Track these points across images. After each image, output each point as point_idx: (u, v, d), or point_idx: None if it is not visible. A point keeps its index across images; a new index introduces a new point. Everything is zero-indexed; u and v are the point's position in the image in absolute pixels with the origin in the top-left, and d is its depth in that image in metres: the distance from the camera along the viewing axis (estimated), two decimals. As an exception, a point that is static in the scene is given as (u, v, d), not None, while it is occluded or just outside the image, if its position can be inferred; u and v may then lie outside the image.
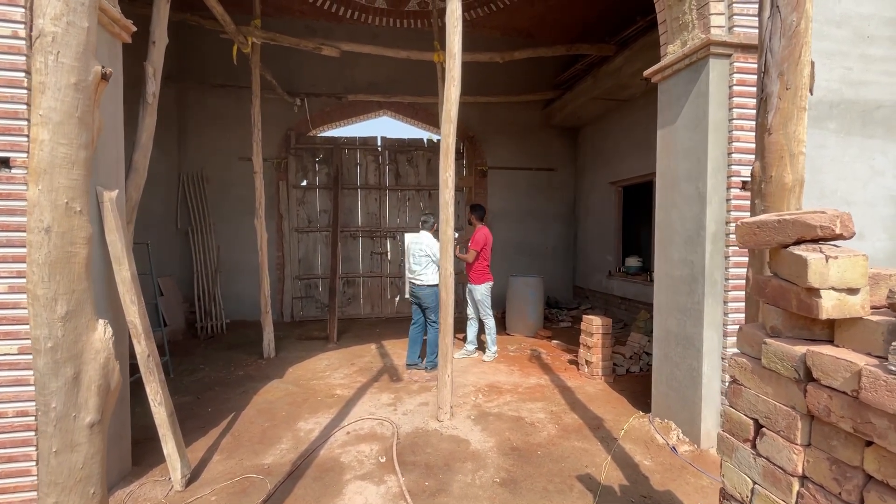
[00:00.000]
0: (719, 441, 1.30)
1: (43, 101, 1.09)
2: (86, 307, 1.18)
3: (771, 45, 1.44)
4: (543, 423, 3.46)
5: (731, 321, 2.87)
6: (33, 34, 1.08)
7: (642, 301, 6.49)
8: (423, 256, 4.66)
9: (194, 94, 7.12)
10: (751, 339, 1.22)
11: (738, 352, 1.27)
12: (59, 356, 1.12)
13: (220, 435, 3.32)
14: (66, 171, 1.12)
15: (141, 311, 2.42)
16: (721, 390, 2.92)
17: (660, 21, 3.24)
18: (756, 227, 1.15)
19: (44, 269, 1.10)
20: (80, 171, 1.15)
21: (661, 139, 3.32)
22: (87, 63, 1.15)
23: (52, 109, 1.10)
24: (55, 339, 1.12)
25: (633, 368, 4.67)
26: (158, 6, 3.19)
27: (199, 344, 5.98)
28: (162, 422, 2.48)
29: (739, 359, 1.24)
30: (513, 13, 7.09)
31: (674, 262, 3.18)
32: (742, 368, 1.22)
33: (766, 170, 1.49)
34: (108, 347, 1.21)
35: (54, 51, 1.09)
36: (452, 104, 3.42)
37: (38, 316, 1.11)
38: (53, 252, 1.12)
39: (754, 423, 1.19)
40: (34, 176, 1.09)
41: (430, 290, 4.69)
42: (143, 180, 3.03)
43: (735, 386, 1.25)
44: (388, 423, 3.46)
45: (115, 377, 1.24)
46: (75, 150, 1.14)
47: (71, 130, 1.13)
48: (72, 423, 1.14)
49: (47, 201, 1.11)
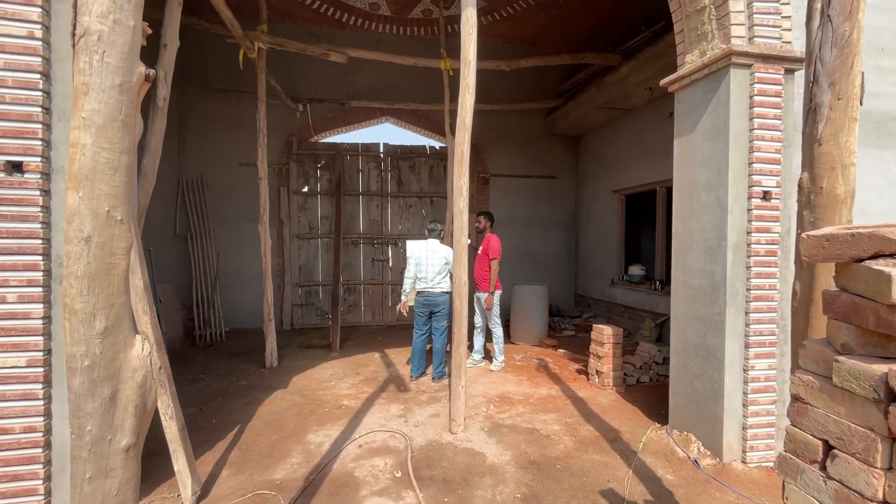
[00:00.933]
0: (781, 461, 1.25)
1: (86, 102, 1.02)
2: (124, 322, 1.10)
3: (821, 55, 1.42)
4: (559, 436, 3.40)
5: (752, 332, 2.84)
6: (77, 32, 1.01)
7: (646, 310, 6.48)
8: (445, 265, 4.58)
9: (195, 98, 7.03)
10: (817, 356, 1.18)
11: (801, 369, 1.23)
12: (96, 375, 1.04)
13: (227, 448, 3.21)
14: (109, 178, 1.05)
15: (153, 322, 2.33)
16: (743, 402, 2.89)
17: (676, 31, 3.24)
18: (825, 240, 1.11)
19: (83, 281, 1.03)
20: (122, 178, 1.07)
21: (678, 148, 3.31)
22: (131, 63, 1.09)
23: (96, 112, 1.03)
24: (93, 357, 1.04)
25: (643, 378, 4.63)
26: (170, 9, 3.13)
27: (198, 352, 5.85)
28: (173, 437, 2.38)
29: (805, 376, 1.20)
30: (516, 22, 7.13)
31: (693, 271, 3.15)
32: (808, 387, 1.18)
33: (816, 181, 1.46)
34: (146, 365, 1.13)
35: (100, 50, 1.02)
36: (467, 111, 3.39)
37: (76, 332, 1.03)
38: (93, 263, 1.04)
39: (823, 444, 1.14)
40: (74, 182, 1.02)
41: (446, 297, 4.63)
42: (151, 185, 2.95)
43: (800, 405, 1.20)
44: (400, 436, 3.38)
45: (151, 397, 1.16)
46: (118, 155, 1.07)
47: (114, 134, 1.06)
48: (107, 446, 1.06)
49: (88, 209, 1.03)
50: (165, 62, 3.05)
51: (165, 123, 3.09)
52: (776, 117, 2.82)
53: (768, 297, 2.86)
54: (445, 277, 4.64)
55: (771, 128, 2.81)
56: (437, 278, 4.59)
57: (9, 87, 1.91)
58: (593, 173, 7.96)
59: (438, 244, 4.70)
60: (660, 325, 5.97)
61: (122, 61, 1.06)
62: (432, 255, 4.62)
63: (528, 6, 6.65)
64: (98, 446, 1.05)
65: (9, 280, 1.90)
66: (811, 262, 1.30)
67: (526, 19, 7.02)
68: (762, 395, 2.89)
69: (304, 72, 7.27)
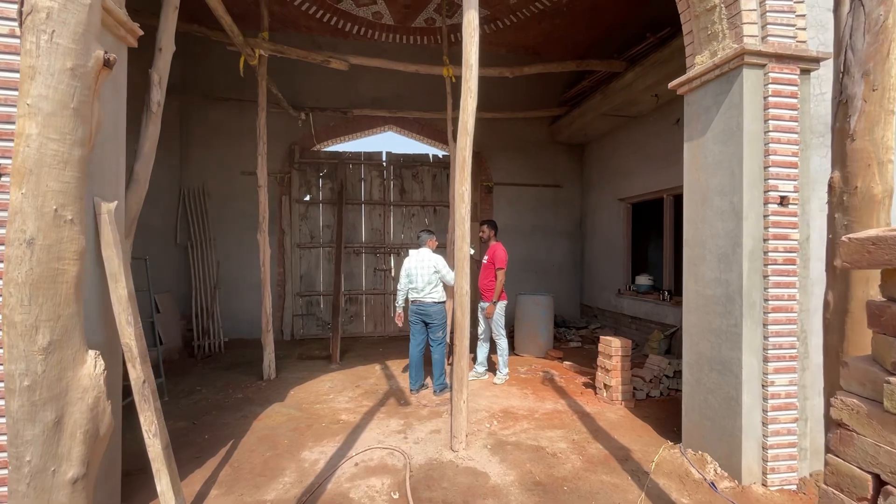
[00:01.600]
0: (822, 497, 1.10)
1: (32, 87, 0.91)
2: (73, 336, 0.98)
3: (852, 43, 1.30)
4: (566, 454, 3.23)
5: (771, 345, 2.68)
6: (24, 10, 0.91)
7: (654, 320, 6.30)
8: (434, 273, 4.49)
9: (197, 107, 7.02)
10: (863, 376, 1.04)
11: (843, 390, 1.09)
12: (37, 397, 0.91)
13: (217, 465, 3.07)
14: (57, 172, 0.94)
15: (137, 333, 2.21)
16: (762, 420, 2.71)
17: (685, 31, 3.14)
18: (871, 243, 0.98)
19: (23, 289, 0.91)
20: (73, 173, 0.96)
21: (688, 152, 3.18)
22: (87, 46, 0.98)
23: (43, 98, 0.92)
24: (33, 376, 0.91)
25: (653, 393, 4.45)
26: (166, 13, 3.07)
27: (196, 363, 5.73)
28: (156, 455, 2.24)
29: (849, 399, 1.05)
30: (519, 31, 7.08)
31: (706, 280, 3.00)
32: (854, 412, 1.03)
33: (850, 180, 1.33)
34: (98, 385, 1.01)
35: (48, 29, 0.92)
36: (469, 115, 3.28)
37: (14, 347, 0.91)
38: (37, 269, 0.92)
39: (874, 479, 1.00)
40: (17, 177, 0.90)
41: (439, 307, 4.53)
42: (144, 192, 2.85)
43: (844, 432, 1.06)
44: (398, 454, 3.22)
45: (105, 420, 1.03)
46: (68, 148, 0.96)
47: (64, 124, 0.95)
48: (50, 479, 0.92)
49: (32, 207, 0.91)
50: (160, 66, 2.98)
51: (159, 129, 3.01)
52: (792, 119, 2.69)
53: (788, 308, 2.70)
54: (436, 287, 4.54)
55: (787, 130, 2.68)
56: (428, 288, 4.49)
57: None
58: (598, 181, 7.84)
59: (429, 253, 4.62)
60: (669, 336, 5.78)
61: (76, 42, 0.96)
62: (421, 265, 4.53)
63: (531, 15, 6.60)
64: (39, 479, 0.91)
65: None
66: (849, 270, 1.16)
67: (529, 28, 6.98)
68: (783, 412, 2.71)
69: (306, 81, 7.25)
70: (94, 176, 2.19)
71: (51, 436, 0.93)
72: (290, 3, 6.31)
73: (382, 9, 6.56)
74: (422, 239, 4.75)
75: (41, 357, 0.92)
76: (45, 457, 0.92)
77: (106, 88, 2.22)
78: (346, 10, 6.58)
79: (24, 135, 0.92)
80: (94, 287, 2.17)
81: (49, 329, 0.93)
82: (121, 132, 2.49)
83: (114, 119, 2.38)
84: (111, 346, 2.28)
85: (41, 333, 0.93)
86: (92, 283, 2.15)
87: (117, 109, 2.44)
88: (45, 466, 0.93)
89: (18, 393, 0.90)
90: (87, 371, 1.00)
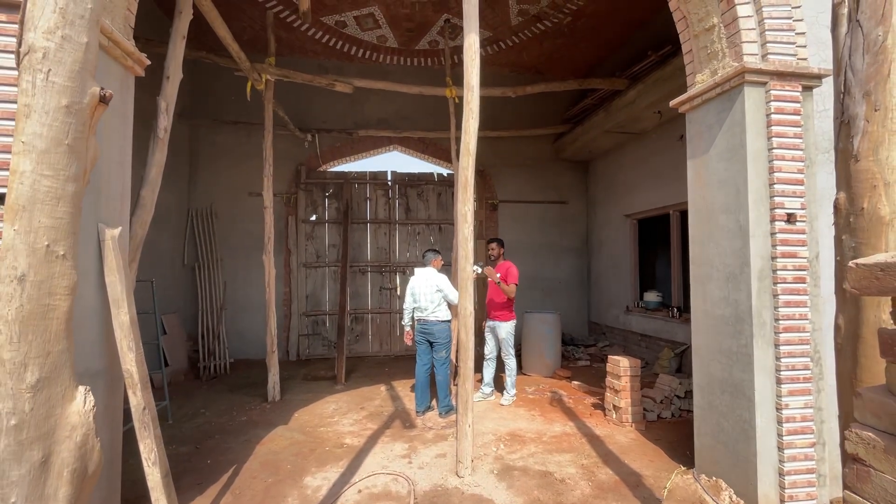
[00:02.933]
0: (840, 536, 1.04)
1: (27, 125, 0.93)
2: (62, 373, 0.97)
3: (852, 63, 1.29)
4: (575, 480, 3.13)
5: (784, 366, 2.60)
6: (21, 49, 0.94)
7: (664, 338, 6.18)
8: (436, 292, 4.49)
9: (206, 130, 7.16)
10: (878, 408, 0.99)
11: (857, 423, 1.04)
12: (24, 436, 0.90)
13: (219, 493, 3.01)
14: (50, 209, 0.94)
15: (139, 359, 2.21)
16: (777, 445, 2.62)
17: (685, 51, 3.15)
18: (879, 269, 0.95)
19: (13, 326, 0.90)
20: (66, 209, 0.97)
21: (691, 170, 3.16)
22: (82, 83, 1.00)
23: (37, 136, 0.93)
24: (20, 415, 0.90)
25: (664, 414, 4.33)
26: (174, 42, 3.16)
27: (202, 385, 5.70)
28: (155, 484, 2.21)
29: (864, 432, 1.00)
30: (522, 51, 7.18)
31: (714, 300, 2.94)
32: (870, 446, 0.98)
33: (856, 201, 1.30)
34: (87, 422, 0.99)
35: (44, 69, 0.93)
36: (471, 136, 3.30)
37: (2, 385, 0.89)
38: (27, 306, 0.92)
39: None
40: (10, 214, 0.91)
41: (442, 325, 4.51)
42: (149, 217, 2.89)
43: (860, 468, 1.00)
44: (403, 479, 3.15)
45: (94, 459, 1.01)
46: (62, 184, 0.96)
47: (58, 160, 0.96)
48: (36, 521, 0.91)
49: (24, 244, 0.91)
50: (168, 94, 3.05)
51: (166, 155, 3.06)
52: (796, 136, 2.67)
53: (799, 328, 2.63)
54: (440, 305, 4.54)
55: (791, 147, 2.66)
56: (431, 307, 4.50)
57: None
58: (604, 198, 7.82)
59: (433, 272, 4.63)
60: (679, 354, 5.67)
61: (71, 80, 0.97)
62: (425, 284, 4.55)
63: (532, 36, 6.71)
64: (24, 521, 0.90)
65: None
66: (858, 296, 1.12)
67: (531, 48, 7.08)
68: (799, 436, 2.62)
69: (312, 103, 7.39)
70: (99, 202, 2.22)
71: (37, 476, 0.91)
72: (296, 29, 6.48)
73: (387, 32, 6.70)
74: (427, 258, 4.76)
75: (29, 395, 0.91)
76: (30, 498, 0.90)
77: (112, 117, 2.26)
78: (352, 34, 6.73)
79: (17, 172, 0.93)
80: (97, 312, 2.18)
81: (38, 366, 0.92)
82: (127, 159, 2.54)
83: (120, 146, 2.42)
84: (112, 371, 2.27)
85: (30, 371, 0.92)
86: (94, 309, 2.15)
87: (124, 137, 2.48)
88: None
89: (5, 433, 0.89)
90: (77, 408, 0.98)
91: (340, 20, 6.35)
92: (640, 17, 6.20)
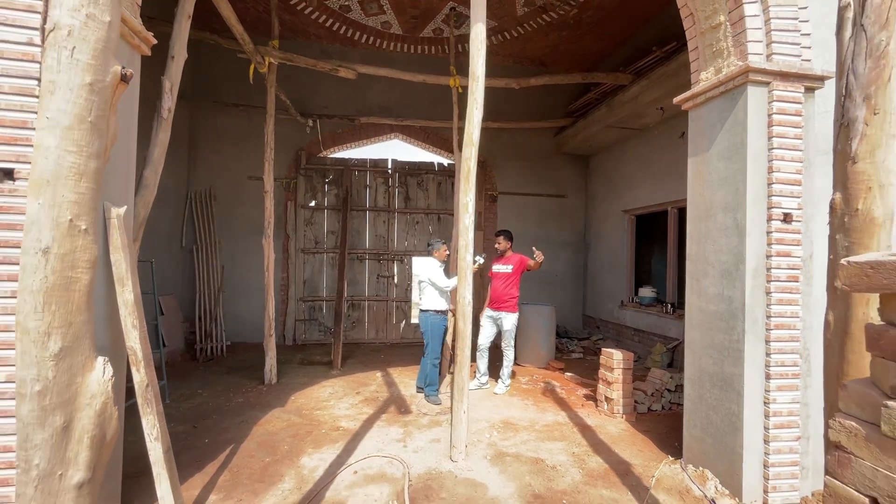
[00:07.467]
0: (820, 519, 1.10)
1: (52, 102, 0.95)
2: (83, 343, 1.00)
3: (854, 67, 1.32)
4: (566, 467, 3.21)
5: (774, 362, 2.67)
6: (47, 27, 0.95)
7: (657, 333, 6.27)
8: (422, 282, 4.61)
9: (206, 112, 7.10)
10: (861, 399, 1.04)
11: (841, 413, 1.09)
12: (47, 402, 0.94)
13: (217, 470, 3.07)
14: (73, 184, 0.97)
15: (142, 337, 2.24)
16: (764, 438, 2.69)
17: (691, 48, 3.17)
18: (869, 267, 0.99)
19: (38, 297, 0.93)
20: (88, 184, 0.99)
21: (692, 167, 3.20)
22: (105, 62, 1.02)
23: (62, 112, 0.95)
24: (44, 382, 0.93)
25: (654, 406, 4.42)
26: (180, 22, 3.13)
27: (198, 367, 5.74)
28: (157, 459, 2.26)
29: (847, 422, 1.05)
30: (526, 42, 7.15)
31: (709, 296, 3.00)
32: (852, 435, 1.04)
33: (851, 202, 1.34)
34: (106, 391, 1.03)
35: (69, 46, 0.95)
36: (475, 127, 3.32)
37: (27, 353, 0.93)
38: (51, 277, 0.95)
39: (871, 503, 1.00)
40: (35, 188, 0.93)
41: (425, 315, 4.63)
42: (152, 197, 2.89)
43: (842, 454, 1.06)
44: (398, 462, 3.22)
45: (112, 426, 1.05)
46: (85, 160, 0.99)
47: (81, 137, 0.98)
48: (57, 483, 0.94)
49: (48, 218, 0.94)
50: (172, 74, 3.03)
51: (169, 135, 3.06)
52: (796, 137, 2.70)
53: (790, 326, 2.69)
54: (424, 294, 4.63)
55: (791, 147, 2.69)
56: (421, 296, 4.59)
57: (4, 92, 1.86)
58: (603, 193, 7.85)
59: (426, 262, 4.72)
60: (672, 349, 5.76)
61: (95, 59, 0.99)
62: (420, 273, 4.67)
63: (538, 27, 6.67)
64: (46, 483, 0.93)
65: (-7, 291, 1.82)
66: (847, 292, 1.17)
67: (536, 40, 7.04)
68: (785, 430, 2.70)
69: (314, 88, 7.34)
70: (106, 181, 2.23)
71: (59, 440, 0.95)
72: (300, 12, 6.41)
73: (391, 19, 6.64)
74: (430, 248, 4.80)
75: (52, 363, 0.94)
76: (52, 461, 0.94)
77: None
78: (356, 19, 6.67)
79: (42, 147, 0.95)
80: (101, 290, 2.20)
81: (61, 336, 0.96)
82: (132, 138, 2.54)
83: (126, 125, 2.42)
84: (116, 348, 2.30)
85: (53, 340, 0.95)
86: (99, 287, 2.17)
87: (129, 116, 2.48)
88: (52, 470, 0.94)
89: (29, 398, 0.92)
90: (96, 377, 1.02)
91: (345, 4, 6.29)
92: (645, 13, 6.18)
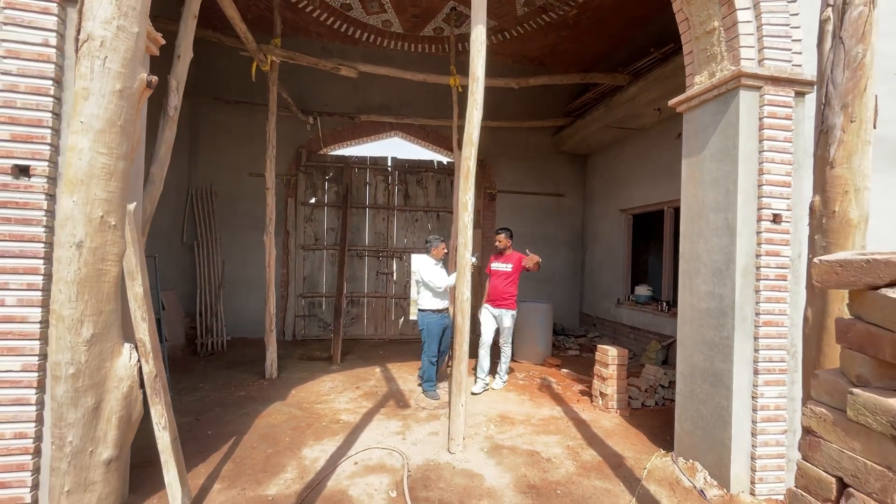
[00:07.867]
0: (792, 499, 1.18)
1: (86, 107, 1.02)
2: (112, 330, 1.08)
3: (833, 77, 1.40)
4: (560, 459, 3.31)
5: (762, 358, 2.76)
6: (80, 37, 1.02)
7: (653, 331, 6.37)
8: (418, 280, 4.67)
9: (207, 109, 7.15)
10: (830, 387, 1.13)
11: (813, 400, 1.17)
12: (80, 384, 1.01)
13: (221, 461, 3.15)
14: (104, 183, 1.04)
15: (151, 329, 2.31)
16: (751, 431, 2.79)
17: (686, 52, 3.24)
18: (838, 265, 1.07)
19: (72, 287, 1.01)
20: (117, 183, 1.07)
21: (686, 168, 3.28)
22: (133, 70, 1.09)
23: (95, 116, 1.02)
24: (77, 365, 1.01)
25: (648, 402, 4.52)
26: (185, 22, 3.20)
27: (199, 361, 5.82)
28: (165, 447, 2.33)
29: (817, 408, 1.14)
30: (525, 42, 7.21)
31: (700, 294, 3.09)
32: (821, 419, 1.12)
33: (828, 205, 1.42)
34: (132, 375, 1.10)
35: (101, 55, 1.02)
36: (475, 127, 3.39)
37: (62, 339, 1.01)
38: (84, 269, 1.02)
39: (837, 482, 1.08)
40: (69, 187, 1.01)
41: (422, 314, 4.65)
42: (158, 193, 2.97)
43: (812, 438, 1.14)
44: (397, 454, 3.30)
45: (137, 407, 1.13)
46: (115, 161, 1.06)
47: (112, 139, 1.05)
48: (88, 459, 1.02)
49: (82, 214, 1.02)
50: (178, 72, 3.10)
51: (175, 132, 3.13)
52: (786, 140, 2.79)
53: (778, 323, 2.79)
54: (420, 293, 4.65)
55: (781, 150, 2.78)
56: (419, 294, 4.64)
57: (21, 92, 1.93)
58: (601, 192, 7.94)
59: (422, 260, 4.76)
60: (666, 347, 5.86)
61: (125, 67, 1.06)
62: (417, 272, 4.69)
63: (538, 27, 6.73)
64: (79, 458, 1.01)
65: (9, 283, 1.89)
66: (823, 289, 1.25)
67: (535, 39, 7.10)
68: (772, 423, 2.79)
69: (315, 86, 7.39)
70: (116, 178, 2.30)
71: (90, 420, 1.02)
72: (302, 10, 6.46)
73: (392, 17, 6.70)
74: (427, 246, 4.81)
75: (84, 348, 1.02)
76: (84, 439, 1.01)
77: (129, 95, 2.33)
78: (357, 17, 6.72)
79: (76, 149, 1.02)
80: (112, 284, 2.27)
81: (92, 323, 1.03)
82: (141, 136, 2.60)
83: (135, 124, 2.49)
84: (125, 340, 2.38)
85: (85, 326, 1.03)
86: (110, 280, 2.25)
87: (138, 114, 2.55)
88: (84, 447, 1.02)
89: (64, 380, 1.00)
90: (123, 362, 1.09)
91: (346, 2, 6.34)
92: (644, 14, 6.25)
